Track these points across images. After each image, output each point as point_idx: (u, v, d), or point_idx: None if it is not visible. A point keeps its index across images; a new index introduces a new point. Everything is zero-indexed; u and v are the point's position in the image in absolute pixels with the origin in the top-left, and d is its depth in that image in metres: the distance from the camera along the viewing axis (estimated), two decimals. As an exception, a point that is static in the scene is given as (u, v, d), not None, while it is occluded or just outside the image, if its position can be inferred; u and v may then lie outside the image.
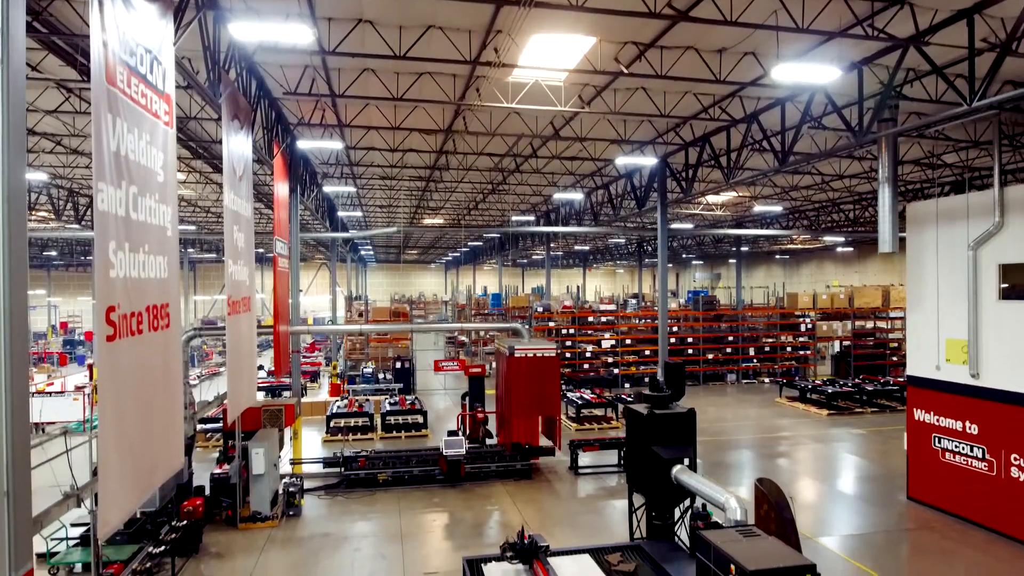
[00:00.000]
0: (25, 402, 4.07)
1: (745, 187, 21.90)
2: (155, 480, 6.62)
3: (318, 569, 11.63)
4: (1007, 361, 12.56)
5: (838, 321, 32.28)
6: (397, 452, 16.61)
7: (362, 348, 30.53)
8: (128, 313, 5.99)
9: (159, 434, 6.67)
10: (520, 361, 15.93)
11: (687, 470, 11.14)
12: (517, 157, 18.23)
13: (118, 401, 5.74)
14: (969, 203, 13.24)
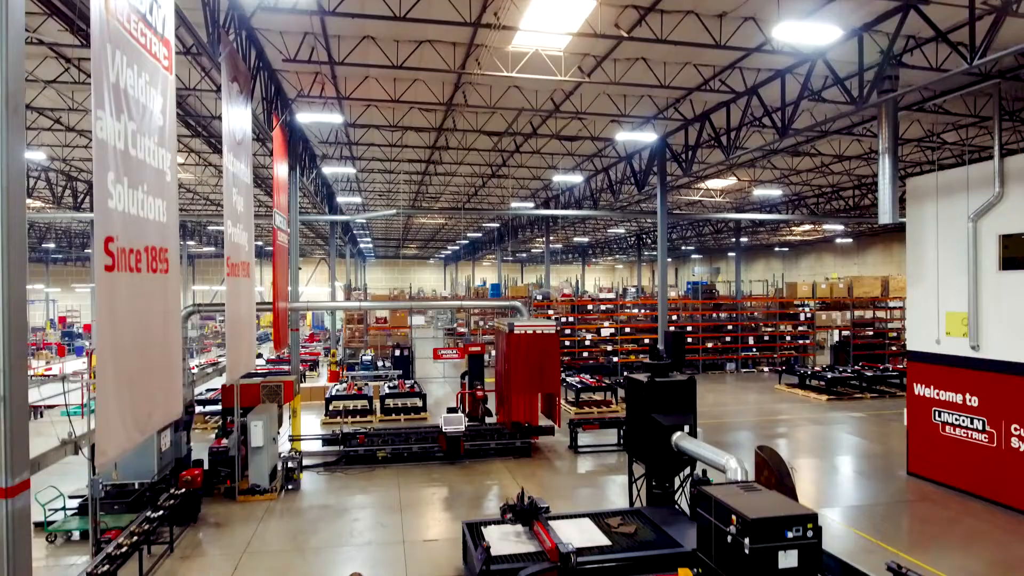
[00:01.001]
0: (22, 302, 4.04)
1: (745, 170, 21.87)
2: (153, 423, 6.58)
3: (317, 537, 11.59)
4: (1007, 331, 12.54)
5: (837, 311, 32.25)
6: (396, 430, 16.56)
7: (361, 337, 30.47)
8: (127, 248, 5.96)
9: (158, 377, 6.64)
10: (520, 338, 15.89)
11: (687, 436, 11.14)
12: (516, 136, 18.20)
13: (116, 335, 5.70)
14: (969, 175, 13.23)
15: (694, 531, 9.20)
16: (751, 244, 49.27)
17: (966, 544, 11.05)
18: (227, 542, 11.28)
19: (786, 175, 23.02)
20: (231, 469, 13.47)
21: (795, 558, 7.30)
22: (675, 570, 8.29)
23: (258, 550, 10.95)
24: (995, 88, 12.79)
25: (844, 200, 26.76)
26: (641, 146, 19.31)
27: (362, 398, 21.05)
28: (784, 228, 38.15)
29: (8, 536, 3.98)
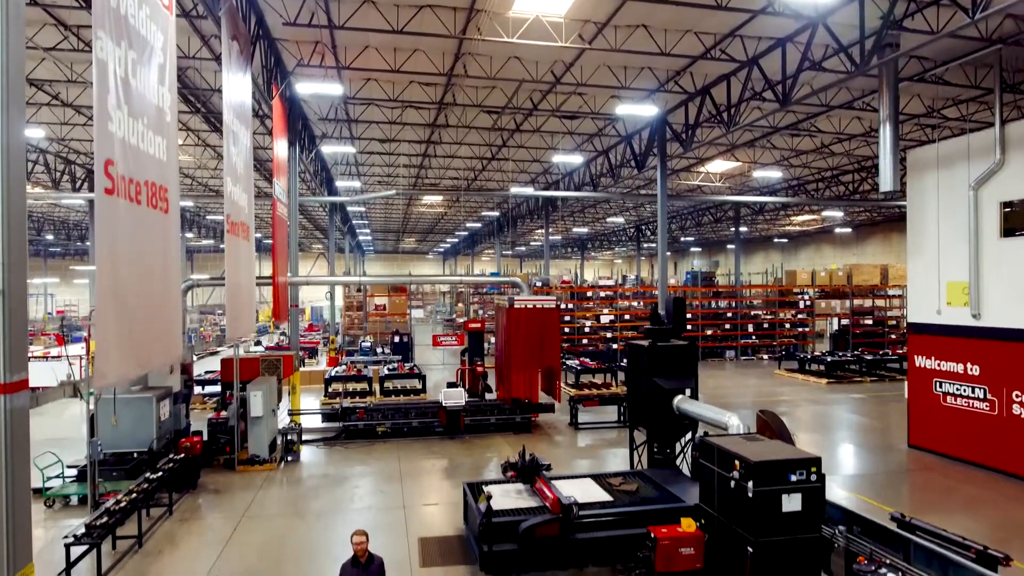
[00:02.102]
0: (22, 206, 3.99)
1: (744, 151, 21.84)
2: (154, 361, 6.54)
3: (317, 503, 11.53)
4: (1008, 298, 12.53)
5: (836, 299, 32.24)
6: (396, 405, 16.52)
7: (359, 324, 30.39)
8: (127, 177, 5.92)
9: (157, 315, 6.59)
10: (520, 312, 15.85)
11: (688, 399, 11.11)
12: (517, 114, 18.16)
13: (115, 262, 5.66)
14: (970, 143, 13.22)
15: (696, 489, 9.16)
16: (750, 236, 49.26)
17: (968, 508, 11.03)
18: (226, 507, 11.23)
19: (786, 157, 23.00)
20: (230, 436, 13.39)
21: (798, 502, 7.26)
22: (677, 523, 8.24)
23: (257, 514, 10.89)
24: (996, 55, 12.78)
25: (844, 185, 26.73)
26: (641, 125, 19.27)
27: (361, 379, 20.97)
28: (783, 218, 38.11)
29: (7, 433, 3.93)
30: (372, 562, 6.15)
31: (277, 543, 9.79)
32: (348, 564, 6.14)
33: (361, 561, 6.09)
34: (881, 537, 7.61)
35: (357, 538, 6.16)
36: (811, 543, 7.31)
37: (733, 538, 7.56)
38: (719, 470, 7.90)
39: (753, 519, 7.22)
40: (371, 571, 6.10)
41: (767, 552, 7.17)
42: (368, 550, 6.17)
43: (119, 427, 12.37)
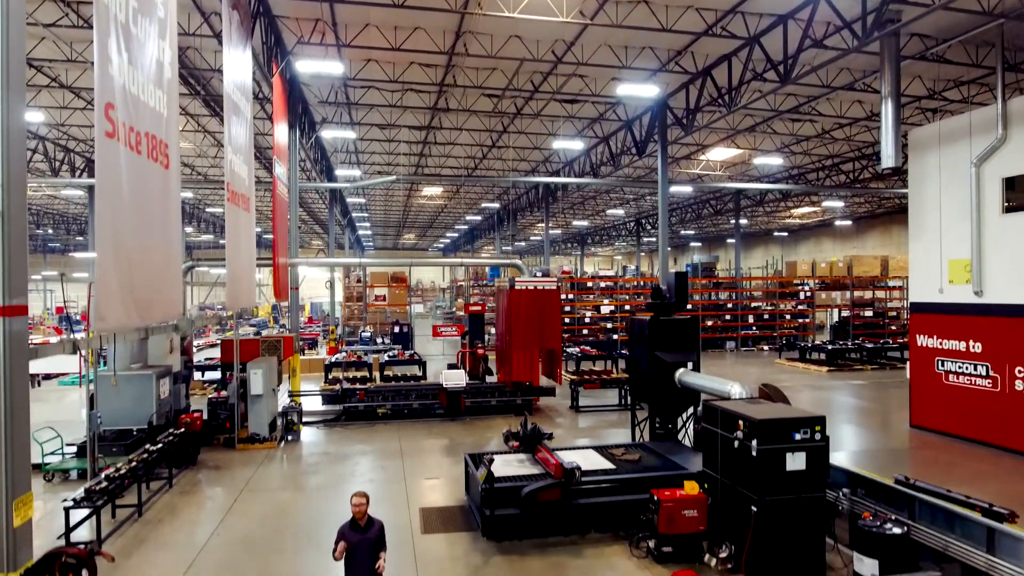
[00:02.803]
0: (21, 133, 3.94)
1: (745, 137, 21.81)
2: (154, 314, 6.49)
3: (318, 477, 11.49)
4: (1011, 274, 12.49)
5: (837, 291, 32.19)
6: (397, 387, 16.46)
7: (360, 314, 30.34)
8: (127, 125, 5.88)
9: (157, 270, 6.55)
10: (520, 294, 15.80)
11: (690, 371, 11.07)
12: (517, 97, 18.12)
13: (115, 207, 5.62)
14: (971, 121, 13.19)
15: (699, 459, 9.13)
16: (750, 231, 49.22)
17: (971, 482, 10.96)
18: (227, 481, 11.18)
19: (787, 144, 22.97)
20: (230, 413, 13.33)
21: (803, 460, 7.23)
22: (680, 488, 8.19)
23: (258, 488, 10.85)
24: (998, 30, 12.76)
25: (845, 174, 26.71)
26: (642, 109, 19.23)
27: (362, 365, 20.92)
28: (783, 210, 38.08)
29: (6, 356, 3.89)
30: (372, 525, 5.93)
31: (277, 513, 9.75)
32: (347, 526, 5.91)
33: (360, 524, 5.86)
34: (885, 498, 7.58)
35: (356, 499, 5.93)
36: (815, 502, 7.28)
37: (737, 499, 7.52)
38: (722, 432, 7.87)
39: (757, 478, 7.19)
40: (370, 534, 5.85)
41: (771, 511, 7.13)
42: (368, 513, 5.96)
43: (119, 404, 12.32)
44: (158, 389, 12.85)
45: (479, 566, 7.80)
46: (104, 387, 12.38)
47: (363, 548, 5.77)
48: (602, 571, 7.60)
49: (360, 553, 5.75)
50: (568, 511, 8.51)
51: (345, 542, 5.75)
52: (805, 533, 7.21)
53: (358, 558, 5.74)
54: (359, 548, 5.76)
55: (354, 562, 5.74)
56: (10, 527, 3.92)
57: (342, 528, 5.92)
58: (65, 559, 4.06)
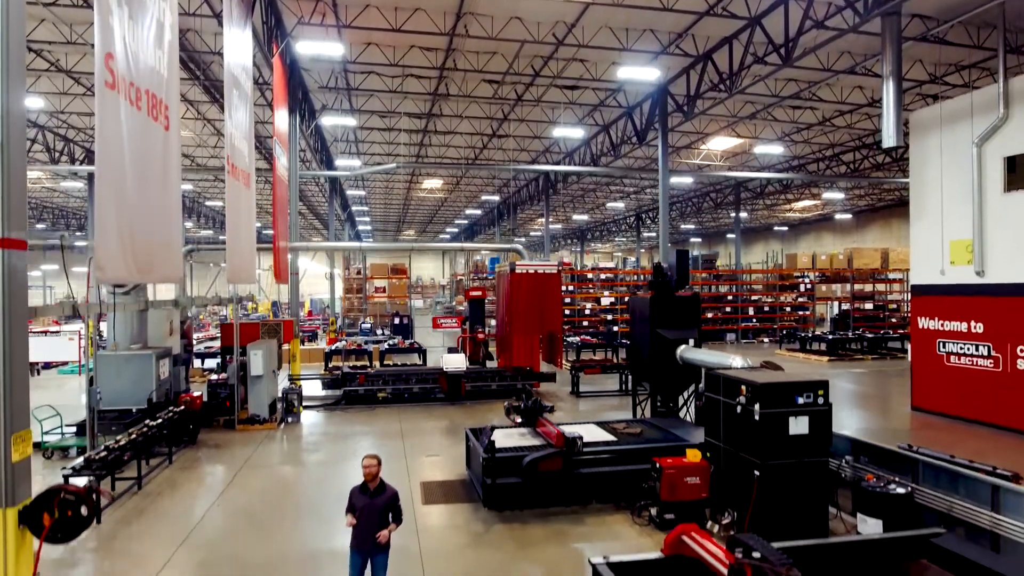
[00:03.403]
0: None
1: (745, 125, 21.79)
2: (154, 273, 6.46)
3: (318, 455, 11.46)
4: (1013, 253, 12.46)
5: (837, 283, 32.16)
6: (397, 371, 16.44)
7: (360, 306, 30.30)
8: (127, 79, 5.85)
9: (157, 229, 6.51)
10: (521, 277, 15.77)
11: (692, 348, 11.03)
12: (518, 83, 18.09)
13: (115, 159, 5.59)
14: (973, 101, 13.16)
15: (701, 433, 9.09)
16: (750, 225, 49.22)
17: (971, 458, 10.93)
18: (226, 458, 11.14)
19: (788, 133, 22.95)
20: (230, 392, 13.29)
21: (806, 424, 7.20)
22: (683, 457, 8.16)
23: (258, 464, 10.81)
24: (999, 10, 12.73)
25: (846, 164, 26.70)
26: (642, 96, 19.21)
27: (362, 354, 20.90)
28: (784, 203, 38.06)
29: (5, 289, 3.86)
30: (383, 491, 5.58)
31: (278, 487, 9.71)
32: (357, 490, 5.62)
33: (370, 488, 5.55)
34: (888, 464, 7.55)
35: (368, 460, 5.60)
36: (818, 467, 7.24)
37: (740, 465, 7.48)
38: (724, 399, 7.83)
39: (760, 443, 7.15)
40: (378, 501, 5.50)
41: (774, 476, 7.09)
42: (381, 478, 5.63)
43: (118, 384, 12.26)
44: (158, 369, 12.80)
45: (480, 533, 7.77)
46: (104, 367, 12.35)
47: (369, 514, 5.45)
48: (604, 538, 7.57)
49: (365, 519, 5.43)
50: (570, 481, 8.48)
51: (354, 505, 5.51)
52: (808, 498, 7.18)
53: (362, 523, 5.43)
54: (366, 514, 5.46)
55: (358, 527, 5.44)
56: (8, 461, 3.89)
57: (353, 491, 5.66)
58: (64, 495, 4.02)
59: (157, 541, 7.52)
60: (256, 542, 7.55)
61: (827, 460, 7.29)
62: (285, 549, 7.35)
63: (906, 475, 7.17)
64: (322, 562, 6.94)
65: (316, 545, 7.44)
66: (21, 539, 3.98)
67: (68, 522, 4.01)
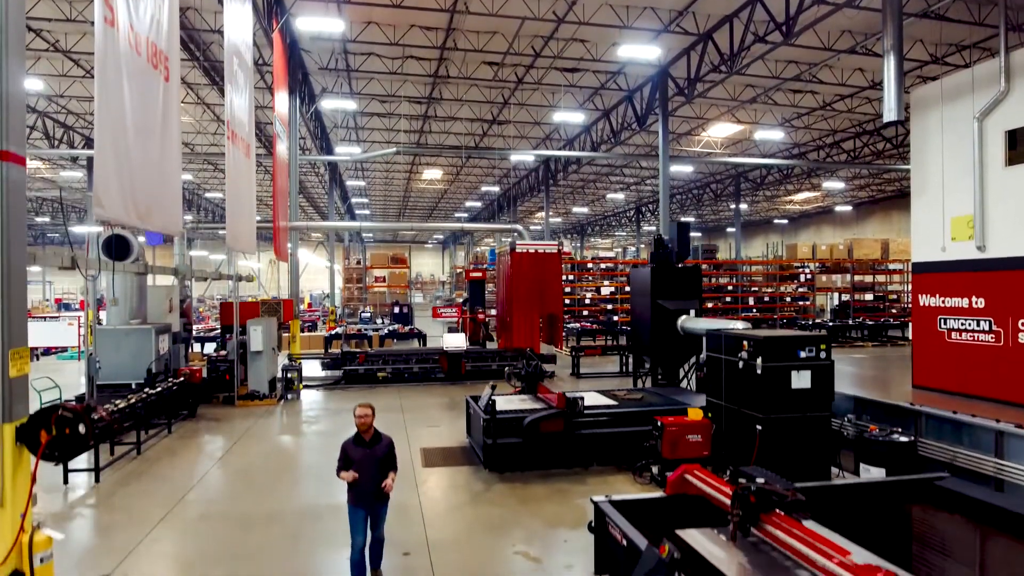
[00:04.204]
0: None
1: (746, 110, 21.76)
2: (153, 221, 6.42)
3: (318, 426, 11.44)
4: (1014, 227, 12.42)
5: (837, 274, 32.11)
6: (397, 351, 16.41)
7: (360, 296, 30.26)
8: (127, 22, 5.82)
9: (157, 179, 6.48)
10: (522, 257, 15.74)
11: (693, 317, 11.01)
12: (518, 66, 18.06)
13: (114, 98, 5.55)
14: (974, 75, 13.12)
15: (702, 399, 9.06)
16: (750, 219, 49.19)
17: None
18: (226, 430, 11.10)
19: (788, 119, 22.93)
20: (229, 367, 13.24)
21: (808, 379, 7.17)
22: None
23: (258, 435, 10.78)
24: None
25: (847, 152, 26.68)
26: (643, 80, 19.18)
27: (362, 338, 20.87)
28: (784, 195, 38.05)
29: (4, 201, 3.82)
30: (379, 441, 5.36)
31: (277, 453, 9.69)
32: (350, 443, 5.34)
33: (365, 438, 5.32)
34: (891, 419, 7.52)
35: (361, 410, 5.34)
36: (821, 422, 7.21)
37: (742, 422, 7.46)
38: (726, 357, 7.80)
39: (762, 397, 7.13)
40: (376, 451, 5.30)
41: (776, 430, 7.07)
42: (375, 428, 5.40)
43: (117, 359, 12.21)
44: (157, 344, 12.75)
45: (481, 492, 7.73)
46: (103, 342, 12.31)
47: (368, 464, 5.23)
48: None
49: (365, 470, 5.21)
50: (571, 442, 8.45)
51: (349, 459, 5.24)
52: (810, 453, 7.15)
53: (363, 476, 5.19)
54: (364, 465, 5.22)
55: (359, 480, 5.19)
56: (6, 377, 3.85)
57: (346, 443, 5.35)
58: (62, 412, 3.98)
59: (155, 499, 7.48)
60: (255, 499, 7.51)
61: (829, 415, 7.27)
62: (284, 505, 7.32)
63: (909, 429, 7.14)
64: (321, 513, 6.91)
65: (315, 501, 7.40)
66: (18, 457, 3.94)
67: (66, 440, 3.96)
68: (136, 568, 5.66)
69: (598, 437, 8.56)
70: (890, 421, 7.46)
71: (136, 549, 6.05)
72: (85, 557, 6.00)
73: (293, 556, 5.95)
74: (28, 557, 3.93)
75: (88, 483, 8.08)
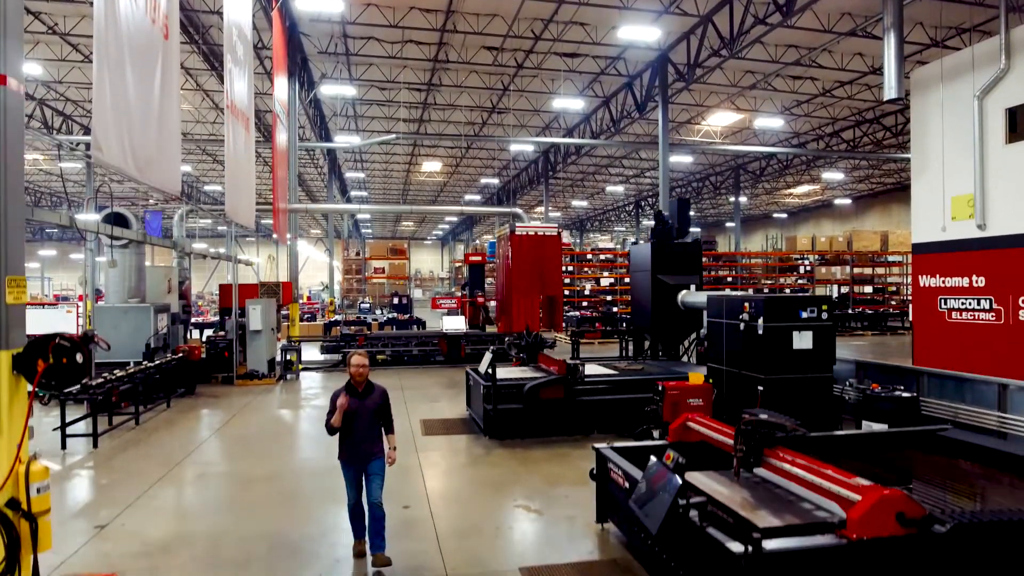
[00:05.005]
0: None
1: (745, 97, 21.74)
2: (151, 174, 6.37)
3: (317, 401, 11.40)
4: (1014, 204, 12.37)
5: (837, 266, 32.12)
6: (397, 333, 16.37)
7: (359, 287, 30.21)
8: (125, -27, 5.78)
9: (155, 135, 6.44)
10: (521, 239, 15.69)
11: (694, 292, 10.98)
12: (518, 50, 18.03)
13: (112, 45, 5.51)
14: (975, 54, 13.09)
15: (703, 370, 9.04)
16: (749, 214, 49.19)
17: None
18: (224, 405, 11.06)
19: (788, 108, 22.91)
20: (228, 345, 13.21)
21: (809, 340, 7.15)
22: (684, 384, 8.09)
23: (257, 408, 10.74)
24: (1002, -40, 12.67)
25: (846, 142, 26.67)
26: (643, 66, 19.15)
27: (361, 325, 20.81)
28: (783, 187, 38.02)
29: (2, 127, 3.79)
30: (372, 391, 4.96)
31: (275, 423, 9.67)
32: (341, 391, 4.85)
33: (358, 389, 4.92)
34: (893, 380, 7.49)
35: (358, 359, 4.93)
36: (823, 383, 7.19)
37: (743, 385, 7.43)
38: (727, 320, 7.78)
39: (763, 358, 7.11)
40: (369, 402, 4.88)
41: (778, 390, 7.04)
42: (369, 379, 4.99)
43: (115, 337, 12.13)
44: (156, 323, 12.73)
45: (481, 455, 7.70)
46: (101, 319, 12.29)
47: (362, 416, 4.84)
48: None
49: (359, 423, 4.83)
50: (572, 409, 8.41)
51: (341, 409, 4.75)
52: (812, 414, 7.11)
53: (357, 428, 4.83)
54: (358, 416, 4.83)
55: (353, 433, 4.82)
56: (3, 303, 3.82)
57: (335, 393, 4.88)
58: (59, 341, 3.94)
59: (154, 461, 7.44)
60: (255, 461, 7.48)
61: (831, 376, 7.25)
62: (283, 467, 7.29)
63: (911, 389, 7.11)
64: (320, 473, 6.87)
65: (315, 462, 7.37)
66: (15, 385, 3.91)
67: (63, 369, 3.92)
68: (134, 519, 5.63)
69: (599, 404, 8.53)
70: (892, 383, 7.43)
71: (135, 503, 6.01)
72: (83, 511, 5.97)
73: (293, 508, 5.92)
74: (24, 486, 3.90)
75: (87, 448, 8.04)
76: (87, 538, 5.21)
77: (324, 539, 5.23)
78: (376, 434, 4.93)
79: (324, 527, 5.48)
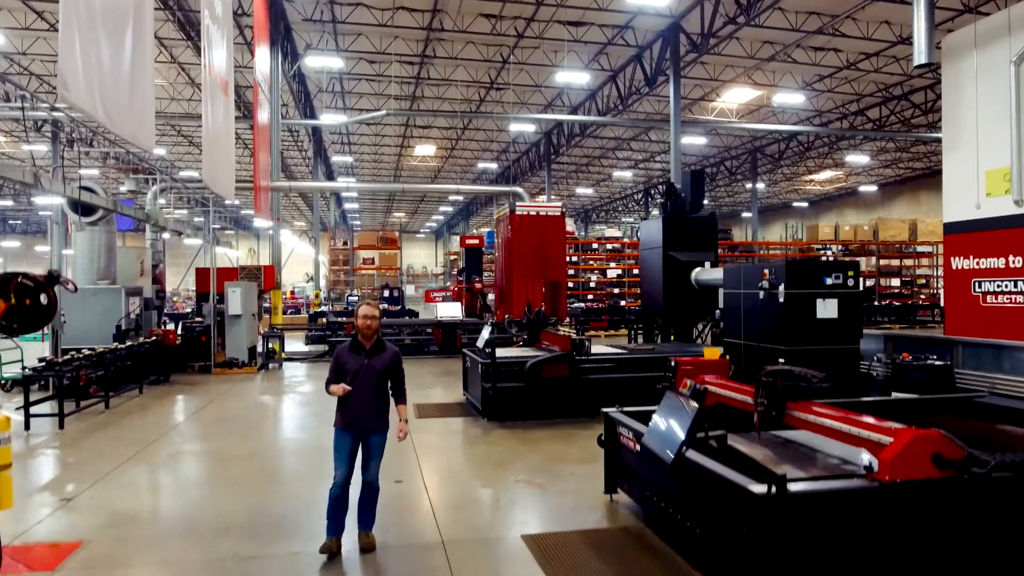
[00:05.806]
0: None
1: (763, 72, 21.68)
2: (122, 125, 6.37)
3: (301, 388, 11.38)
4: (1055, 177, 12.38)
5: (862, 257, 32.08)
6: (388, 323, 16.32)
7: (346, 279, 30.19)
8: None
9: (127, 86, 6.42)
10: (522, 219, 15.63)
11: (708, 269, 10.96)
12: (518, 18, 17.99)
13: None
14: (1011, 16, 13.06)
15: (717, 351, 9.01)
16: (767, 203, 49.15)
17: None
18: (201, 392, 11.02)
19: (809, 83, 22.85)
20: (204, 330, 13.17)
21: (834, 308, 7.11)
22: (699, 361, 8.06)
23: (236, 394, 10.71)
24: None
25: (872, 121, 26.64)
26: (652, 36, 19.11)
27: (350, 314, 20.78)
28: (804, 172, 37.96)
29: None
30: (382, 349, 4.60)
31: (256, 407, 9.64)
32: (346, 350, 4.56)
33: (365, 346, 4.50)
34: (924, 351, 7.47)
35: (365, 310, 4.57)
36: (849, 355, 7.15)
37: (763, 358, 7.38)
38: (745, 290, 7.75)
39: (785, 328, 7.06)
40: (377, 362, 4.51)
41: (800, 362, 6.97)
42: (380, 336, 4.63)
43: (84, 321, 12.13)
44: (127, 307, 12.68)
45: (479, 435, 7.69)
46: (68, 302, 12.24)
47: (368, 378, 4.44)
48: (614, 438, 7.46)
49: (364, 386, 4.42)
50: (576, 388, 8.37)
51: (342, 370, 4.42)
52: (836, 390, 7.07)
53: (358, 391, 4.40)
54: (361, 377, 4.43)
55: (354, 397, 4.41)
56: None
57: (339, 350, 4.57)
58: (22, 280, 3.91)
59: (125, 442, 7.40)
60: (233, 441, 7.45)
61: (857, 348, 7.21)
62: (263, 446, 7.26)
63: (945, 359, 7.10)
64: (303, 451, 6.84)
65: (297, 443, 7.34)
66: (-26, 328, 3.88)
67: (26, 311, 3.89)
68: (103, 494, 5.59)
69: (606, 383, 8.48)
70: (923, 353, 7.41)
71: (104, 479, 5.98)
72: (48, 485, 5.94)
73: (272, 483, 5.90)
74: (-16, 437, 3.86)
75: (52, 430, 8.01)
76: (52, 510, 5.18)
77: (311, 510, 5.20)
78: (382, 403, 4.53)
79: (309, 499, 5.45)
